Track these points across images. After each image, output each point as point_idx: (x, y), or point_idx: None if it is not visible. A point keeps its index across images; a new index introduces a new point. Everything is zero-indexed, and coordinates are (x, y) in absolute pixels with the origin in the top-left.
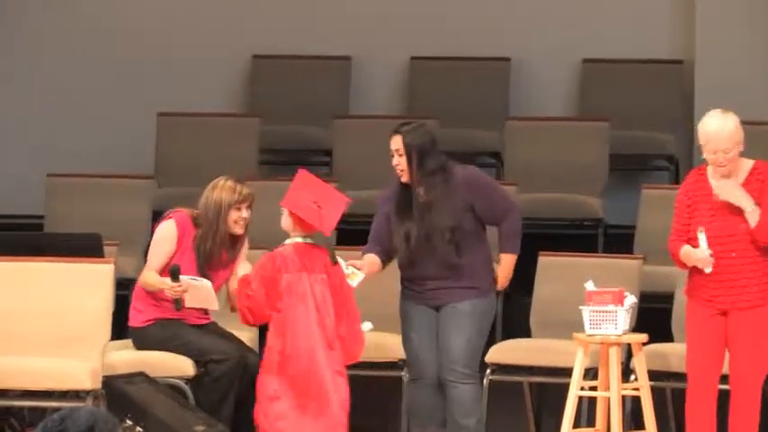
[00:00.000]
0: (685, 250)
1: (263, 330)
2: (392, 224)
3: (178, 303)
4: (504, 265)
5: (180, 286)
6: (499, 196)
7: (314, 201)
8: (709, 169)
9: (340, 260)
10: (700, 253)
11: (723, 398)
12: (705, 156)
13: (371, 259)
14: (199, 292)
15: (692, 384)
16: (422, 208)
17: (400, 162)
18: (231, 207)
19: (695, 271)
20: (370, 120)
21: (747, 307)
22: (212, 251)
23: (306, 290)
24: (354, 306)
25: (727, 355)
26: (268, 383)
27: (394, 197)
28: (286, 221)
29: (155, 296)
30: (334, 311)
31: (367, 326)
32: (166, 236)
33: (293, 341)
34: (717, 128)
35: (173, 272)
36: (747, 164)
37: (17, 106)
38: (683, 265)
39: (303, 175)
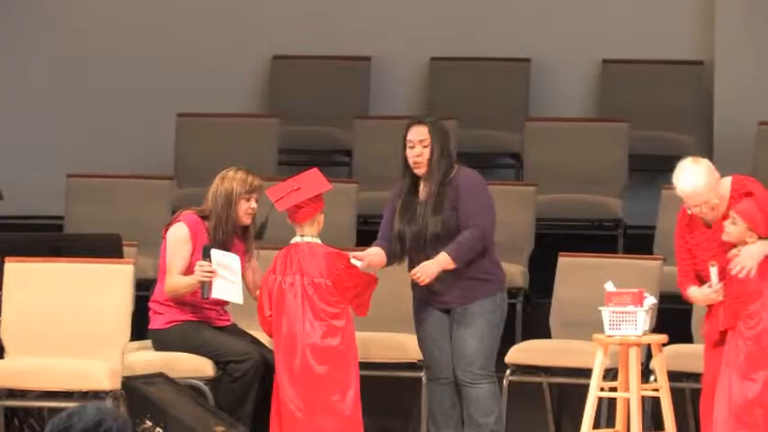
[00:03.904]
0: (694, 294)
1: None
2: (394, 222)
3: (205, 290)
4: (435, 261)
5: (209, 266)
6: (479, 206)
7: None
8: None
9: None
10: (708, 290)
11: None
12: (688, 207)
13: (375, 251)
14: (226, 277)
15: (708, 388)
16: (423, 205)
17: (423, 153)
18: (241, 197)
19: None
20: (390, 120)
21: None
22: (226, 240)
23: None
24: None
25: None
26: None
27: (400, 194)
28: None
29: (175, 298)
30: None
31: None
32: (181, 238)
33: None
34: (692, 186)
35: (205, 249)
36: (726, 184)
37: (36, 107)
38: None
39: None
